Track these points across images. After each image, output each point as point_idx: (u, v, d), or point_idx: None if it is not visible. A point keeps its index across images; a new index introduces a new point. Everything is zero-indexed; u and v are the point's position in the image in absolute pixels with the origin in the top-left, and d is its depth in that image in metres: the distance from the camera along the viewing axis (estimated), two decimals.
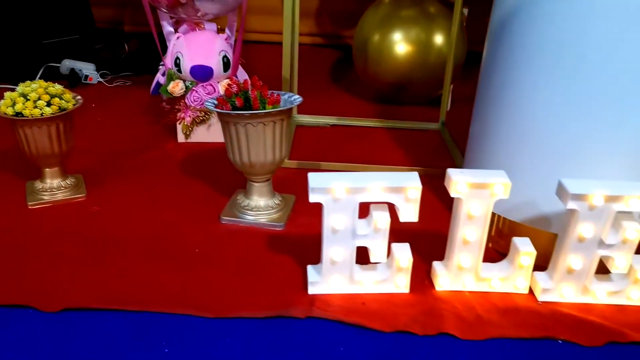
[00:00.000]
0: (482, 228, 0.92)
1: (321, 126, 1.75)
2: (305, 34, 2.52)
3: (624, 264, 0.91)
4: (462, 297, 0.95)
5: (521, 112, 0.99)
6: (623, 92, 0.90)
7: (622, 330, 0.87)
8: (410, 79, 1.86)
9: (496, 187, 0.89)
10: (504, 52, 1.01)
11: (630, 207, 0.87)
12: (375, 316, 0.89)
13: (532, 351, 0.84)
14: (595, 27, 0.87)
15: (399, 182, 0.88)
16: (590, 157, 0.95)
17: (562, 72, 0.92)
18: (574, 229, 0.89)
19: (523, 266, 0.95)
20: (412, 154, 1.57)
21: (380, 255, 0.92)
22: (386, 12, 1.88)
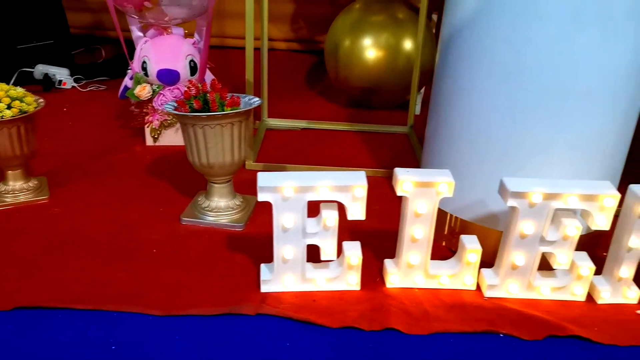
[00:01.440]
0: (429, 226, 0.95)
1: (291, 129, 1.78)
2: (280, 39, 2.55)
3: (565, 260, 0.93)
4: (411, 294, 0.97)
5: (468, 115, 1.02)
6: (561, 95, 0.93)
7: (562, 324, 0.90)
8: (380, 84, 1.89)
9: (441, 185, 0.92)
10: (453, 58, 1.04)
11: (569, 204, 0.90)
12: (324, 313, 0.91)
13: (474, 344, 0.86)
14: (533, 34, 0.91)
15: (346, 181, 0.90)
16: (532, 157, 0.98)
17: (504, 75, 0.95)
18: (515, 226, 0.92)
19: (470, 263, 0.97)
20: (380, 157, 1.60)
21: (330, 253, 0.94)
22: (356, 17, 1.91)
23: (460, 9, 1.01)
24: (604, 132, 0.97)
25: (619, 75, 0.92)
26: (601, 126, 0.96)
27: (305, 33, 2.54)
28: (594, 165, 0.99)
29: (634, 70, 0.94)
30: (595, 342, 0.87)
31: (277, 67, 2.55)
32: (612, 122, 0.97)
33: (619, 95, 0.95)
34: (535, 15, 0.89)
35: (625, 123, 1.00)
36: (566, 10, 0.88)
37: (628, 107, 0.98)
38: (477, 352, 0.85)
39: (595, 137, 0.97)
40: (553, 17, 0.88)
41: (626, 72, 0.93)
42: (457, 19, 1.02)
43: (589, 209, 0.90)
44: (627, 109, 0.98)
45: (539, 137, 0.97)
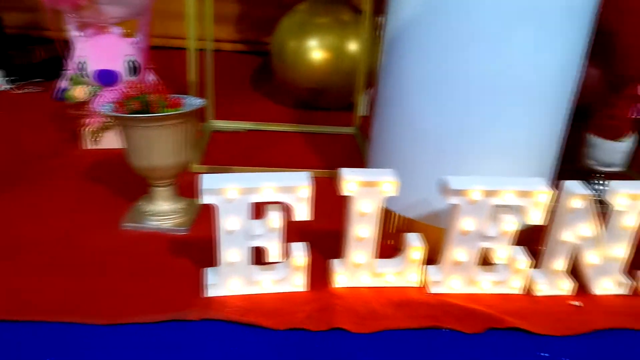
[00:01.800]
0: (374, 225, 0.96)
1: (237, 131, 1.76)
2: (225, 40, 2.52)
3: (504, 255, 0.97)
4: (358, 293, 0.98)
5: (409, 115, 1.04)
6: (497, 94, 0.96)
7: (502, 317, 0.93)
8: (326, 85, 1.91)
9: (385, 185, 0.93)
10: (394, 59, 1.06)
11: (506, 200, 0.93)
12: (271, 315, 0.91)
13: (420, 340, 0.88)
14: (469, 34, 0.93)
15: (290, 182, 0.90)
16: (471, 155, 1.01)
17: (442, 75, 0.97)
18: (457, 223, 0.94)
19: (414, 261, 0.99)
20: (327, 157, 1.60)
21: (275, 254, 0.94)
22: (301, 19, 1.91)
23: (401, 11, 1.03)
24: (537, 131, 1.01)
25: (552, 75, 0.97)
26: (534, 125, 1.00)
27: (251, 34, 2.52)
28: (528, 163, 1.03)
29: (566, 69, 0.98)
30: (532, 333, 0.90)
31: (222, 68, 2.52)
32: (545, 120, 1.01)
33: (551, 94, 0.99)
34: (471, 15, 0.92)
35: (557, 122, 1.04)
36: (500, 9, 0.91)
37: (559, 106, 1.02)
38: (422, 348, 0.87)
39: (528, 135, 1.00)
40: (488, 16, 0.91)
41: (558, 71, 0.97)
42: (398, 20, 1.04)
43: (524, 204, 0.93)
44: (559, 108, 1.02)
45: (478, 136, 1.00)
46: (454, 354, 0.86)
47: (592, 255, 0.99)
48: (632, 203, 0.94)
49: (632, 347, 0.88)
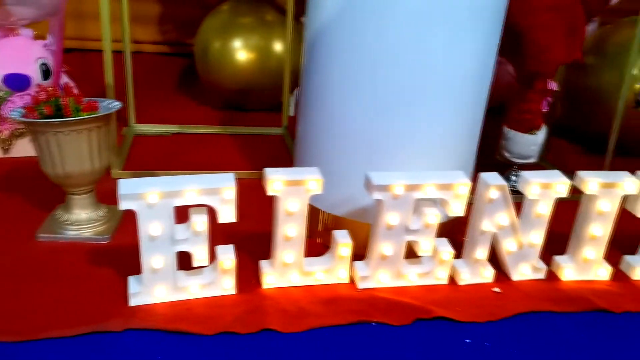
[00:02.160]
0: (301, 224, 0.96)
1: (162, 135, 1.71)
2: (148, 42, 2.45)
3: (428, 247, 0.99)
4: (287, 293, 0.98)
5: (334, 113, 1.05)
6: (415, 93, 0.99)
7: (428, 307, 0.95)
8: (253, 86, 1.89)
9: (310, 183, 0.93)
10: (317, 59, 1.06)
11: (428, 194, 0.95)
12: (198, 320, 0.88)
13: (348, 336, 0.89)
14: (386, 34, 0.95)
15: (213, 184, 0.88)
16: (395, 152, 1.03)
17: (363, 74, 0.99)
18: (382, 218, 0.96)
19: (343, 257, 1.00)
20: (255, 159, 1.59)
21: (202, 259, 0.92)
22: (225, 19, 1.89)
23: (320, 12, 1.03)
24: (455, 127, 1.04)
25: (467, 73, 1.00)
26: (452, 122, 1.03)
27: (175, 35, 2.46)
28: (449, 158, 1.07)
29: (480, 67, 1.03)
30: (457, 321, 0.93)
31: (146, 71, 2.45)
32: (462, 117, 1.05)
33: (467, 91, 1.03)
34: (386, 15, 0.94)
35: (475, 118, 1.08)
36: (414, 10, 0.93)
37: (476, 102, 1.06)
38: (350, 343, 0.87)
39: (447, 132, 1.04)
40: (403, 17, 0.93)
41: (473, 69, 1.01)
42: (318, 21, 1.04)
43: (445, 197, 0.96)
44: (474, 106, 1.07)
45: (400, 133, 1.02)
46: (382, 347, 0.87)
47: (510, 243, 1.03)
48: (543, 192, 0.99)
49: (549, 328, 0.93)
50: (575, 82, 1.77)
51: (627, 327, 0.94)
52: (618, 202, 1.01)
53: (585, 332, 0.92)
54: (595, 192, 1.00)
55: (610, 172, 1.02)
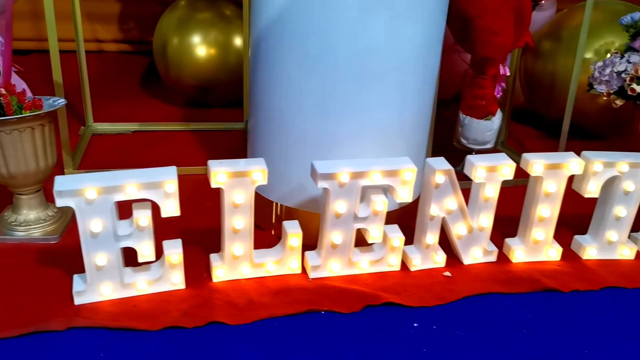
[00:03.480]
0: (248, 216, 0.95)
1: (121, 133, 1.69)
2: (110, 41, 2.42)
3: (377, 234, 0.99)
4: (238, 285, 0.97)
5: (282, 104, 1.04)
6: (360, 80, 0.98)
7: (378, 294, 0.95)
8: (214, 81, 1.87)
9: (255, 174, 0.93)
10: (263, 50, 1.05)
11: (374, 181, 0.96)
12: (145, 316, 0.88)
13: (297, 325, 0.89)
14: (328, 20, 0.95)
15: (155, 178, 0.87)
16: (343, 140, 1.03)
17: (309, 63, 0.99)
18: (329, 206, 0.96)
19: (293, 247, 1.00)
20: (215, 154, 1.58)
21: (148, 254, 0.91)
22: (182, 15, 1.87)
23: (265, 3, 1.03)
24: (402, 113, 1.05)
25: (408, 59, 1.00)
26: (399, 108, 1.03)
27: (137, 33, 2.43)
28: (398, 145, 1.07)
29: (422, 53, 1.03)
30: (406, 306, 0.93)
31: (109, 70, 2.42)
32: (409, 103, 1.05)
33: (410, 77, 1.03)
34: (326, 3, 0.94)
35: (422, 105, 1.08)
36: None
37: (421, 89, 1.06)
38: (299, 332, 0.87)
39: (394, 118, 1.04)
40: (343, 3, 0.93)
41: (414, 55, 1.01)
42: (263, 13, 1.04)
43: (392, 184, 0.97)
44: (421, 93, 1.07)
45: (347, 122, 1.02)
46: (330, 334, 0.87)
47: (460, 227, 1.04)
48: (489, 175, 1.00)
49: (497, 310, 0.94)
50: (534, 67, 1.79)
51: (574, 305, 0.96)
52: (564, 183, 1.03)
53: (532, 311, 0.94)
54: (540, 173, 1.01)
55: (554, 154, 1.03)
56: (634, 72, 1.30)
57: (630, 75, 1.31)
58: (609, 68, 1.36)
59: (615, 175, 1.03)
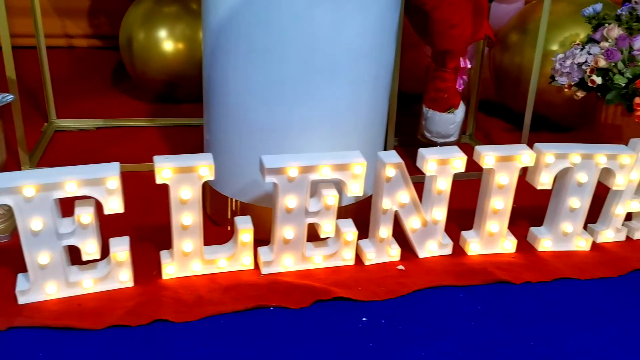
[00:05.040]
0: (197, 211, 0.94)
1: (85, 130, 1.67)
2: (80, 36, 2.39)
3: (330, 229, 0.99)
4: (188, 282, 0.96)
5: (232, 97, 1.03)
6: (308, 72, 0.97)
7: (329, 288, 0.95)
8: (182, 76, 1.85)
9: (201, 169, 0.91)
10: (213, 43, 1.04)
11: (324, 175, 0.95)
12: (88, 315, 0.86)
13: (245, 321, 0.88)
14: (274, 12, 0.94)
15: (95, 174, 0.86)
16: (294, 134, 1.02)
17: (256, 55, 0.97)
18: (280, 201, 0.95)
19: (245, 243, 0.99)
20: (181, 150, 1.56)
21: (92, 252, 0.89)
22: (148, 9, 1.84)
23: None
24: (354, 106, 1.04)
25: (358, 50, 0.99)
26: (350, 101, 1.03)
27: (107, 28, 2.40)
28: (351, 138, 1.06)
29: (374, 45, 1.02)
30: (357, 300, 0.93)
31: (78, 65, 2.39)
32: (363, 96, 1.04)
33: (362, 69, 1.02)
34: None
35: (376, 98, 1.08)
36: None
37: (375, 81, 1.05)
38: (247, 328, 0.87)
39: (347, 111, 1.03)
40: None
41: (364, 46, 1.00)
42: (211, 4, 1.02)
43: (342, 178, 0.96)
44: (375, 83, 1.06)
45: (297, 115, 1.01)
46: (278, 330, 0.86)
47: (414, 221, 1.04)
48: (440, 168, 0.99)
49: (447, 302, 0.94)
50: (502, 60, 1.78)
51: (524, 296, 0.96)
52: (516, 175, 1.02)
53: (482, 304, 0.93)
54: (492, 165, 1.01)
55: (506, 146, 1.03)
56: (594, 64, 1.31)
57: (590, 66, 1.32)
58: (569, 60, 1.36)
59: (568, 167, 1.03)
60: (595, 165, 1.04)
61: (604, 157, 1.03)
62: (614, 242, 1.13)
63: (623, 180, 1.06)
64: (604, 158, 1.03)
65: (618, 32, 1.30)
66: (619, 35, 1.29)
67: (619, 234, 1.13)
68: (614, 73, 1.28)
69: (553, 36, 1.65)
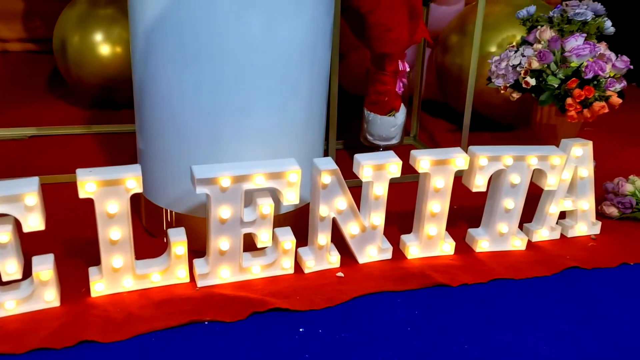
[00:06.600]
0: (125, 225, 0.90)
1: (16, 139, 1.59)
2: (14, 40, 2.28)
3: (267, 238, 0.97)
4: (119, 299, 0.92)
5: (162, 105, 1.00)
6: (239, 78, 0.96)
7: (265, 299, 0.93)
8: (120, 81, 1.79)
9: (129, 182, 0.88)
10: (141, 48, 1.00)
11: (258, 184, 0.93)
12: (9, 338, 0.82)
13: (178, 338, 0.85)
14: (203, 15, 0.91)
15: (12, 190, 0.81)
16: (228, 143, 1.00)
17: (185, 61, 0.95)
18: (213, 212, 0.92)
19: (179, 256, 0.96)
20: (119, 159, 1.51)
21: (12, 272, 0.85)
22: (82, 11, 1.78)
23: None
24: (289, 112, 1.02)
25: (292, 54, 0.98)
26: (284, 106, 1.01)
27: (42, 31, 2.30)
28: (286, 145, 1.04)
29: (307, 49, 1.00)
30: (294, 310, 0.91)
31: (11, 71, 2.29)
32: (297, 101, 1.03)
33: (295, 74, 1.00)
34: (205, 2, 0.90)
35: (311, 101, 1.06)
36: None
37: (310, 86, 1.04)
38: (179, 345, 0.84)
39: (280, 117, 1.01)
40: (220, 3, 0.90)
41: (297, 52, 0.99)
42: (138, 8, 0.99)
43: (277, 186, 0.94)
44: (310, 88, 1.05)
45: (230, 123, 0.99)
46: (213, 345, 0.84)
47: (353, 227, 1.03)
48: (376, 173, 0.99)
49: (385, 309, 0.93)
50: (443, 61, 1.81)
51: (460, 299, 0.96)
52: (451, 178, 1.03)
53: (419, 308, 0.94)
54: (428, 169, 1.01)
55: (441, 150, 1.03)
56: (527, 66, 1.33)
57: (524, 68, 1.34)
58: (504, 62, 1.38)
59: (501, 169, 1.05)
60: (527, 167, 1.06)
61: (535, 159, 1.05)
62: (549, 240, 1.16)
63: (554, 181, 1.08)
64: (535, 159, 1.05)
65: (550, 33, 1.33)
66: (551, 37, 1.32)
67: (553, 233, 1.16)
68: (547, 74, 1.31)
69: (491, 37, 1.68)
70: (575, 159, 1.12)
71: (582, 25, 1.33)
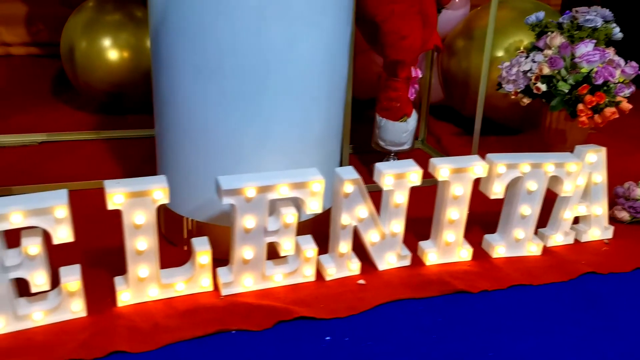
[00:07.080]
0: (152, 236, 0.91)
1: (26, 145, 1.59)
2: (18, 44, 2.27)
3: (290, 246, 0.98)
4: (144, 308, 0.93)
5: (185, 115, 1.01)
6: (261, 90, 0.96)
7: (290, 308, 0.94)
8: (128, 86, 1.79)
9: (156, 193, 0.89)
10: (163, 59, 1.01)
11: (282, 194, 0.94)
12: (38, 350, 0.82)
13: (206, 347, 0.86)
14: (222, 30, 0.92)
15: (42, 204, 0.82)
16: (250, 152, 1.01)
17: (208, 74, 0.95)
18: (238, 222, 0.93)
19: (203, 265, 0.96)
20: (129, 164, 1.51)
21: (40, 283, 0.85)
22: (90, 17, 1.77)
23: (156, 10, 0.99)
24: (309, 122, 1.03)
25: (312, 66, 0.99)
26: (305, 116, 1.02)
27: (46, 36, 2.30)
28: (306, 154, 1.05)
29: (326, 59, 1.01)
30: (319, 319, 0.92)
31: (16, 75, 2.28)
32: (316, 111, 1.04)
33: (316, 84, 1.01)
34: (220, 11, 0.91)
35: (331, 112, 1.07)
36: (249, 5, 0.90)
37: (329, 95, 1.05)
38: (207, 355, 0.84)
39: (301, 128, 1.02)
40: (238, 12, 0.90)
41: (318, 62, 0.99)
42: (159, 17, 0.99)
43: (300, 196, 0.95)
44: (330, 100, 1.06)
45: (252, 133, 0.99)
46: (241, 355, 0.85)
47: (373, 234, 1.04)
48: (397, 182, 1.00)
49: (407, 316, 0.95)
50: (449, 65, 1.82)
51: (480, 306, 0.98)
52: (470, 186, 1.05)
53: (441, 315, 0.95)
54: (447, 177, 1.02)
55: (460, 158, 1.05)
56: (538, 71, 1.35)
57: (535, 74, 1.36)
58: (515, 68, 1.40)
59: (518, 176, 1.06)
60: (544, 174, 1.07)
61: (552, 166, 1.07)
62: (563, 245, 1.17)
63: (570, 187, 1.10)
64: (552, 167, 1.07)
65: (560, 40, 1.35)
66: (561, 43, 1.34)
67: (567, 237, 1.18)
68: (557, 80, 1.33)
69: (497, 42, 1.69)
70: (589, 165, 1.13)
71: (592, 31, 1.35)
